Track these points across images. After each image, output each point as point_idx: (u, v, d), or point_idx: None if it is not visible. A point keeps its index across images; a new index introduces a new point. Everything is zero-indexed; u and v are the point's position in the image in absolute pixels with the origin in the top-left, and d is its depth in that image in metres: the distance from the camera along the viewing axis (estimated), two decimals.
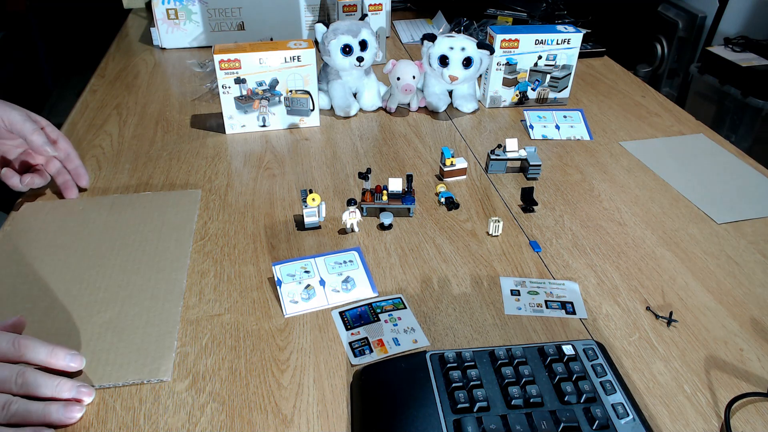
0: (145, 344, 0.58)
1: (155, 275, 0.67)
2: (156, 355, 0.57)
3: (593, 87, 1.23)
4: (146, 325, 0.61)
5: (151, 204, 0.79)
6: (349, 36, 1.00)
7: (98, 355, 0.57)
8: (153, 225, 0.75)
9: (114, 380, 0.55)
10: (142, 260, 0.69)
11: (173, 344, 0.59)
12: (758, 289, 0.69)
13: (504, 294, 0.67)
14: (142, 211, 0.78)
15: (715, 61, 1.91)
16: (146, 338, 0.59)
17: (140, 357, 0.57)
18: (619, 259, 0.73)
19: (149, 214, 0.77)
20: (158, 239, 0.73)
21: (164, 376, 0.55)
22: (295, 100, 1.01)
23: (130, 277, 0.67)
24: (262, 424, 0.52)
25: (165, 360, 0.57)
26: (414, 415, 0.50)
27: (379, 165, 0.93)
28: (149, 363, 0.57)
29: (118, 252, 0.71)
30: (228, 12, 1.36)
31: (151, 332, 0.60)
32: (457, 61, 1.00)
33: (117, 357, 0.57)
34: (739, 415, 0.54)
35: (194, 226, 0.75)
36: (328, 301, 0.65)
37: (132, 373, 0.55)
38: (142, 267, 0.68)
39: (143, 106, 1.11)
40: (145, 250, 0.71)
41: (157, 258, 0.70)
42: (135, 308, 0.63)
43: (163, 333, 0.60)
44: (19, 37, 2.59)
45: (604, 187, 0.88)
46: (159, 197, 0.81)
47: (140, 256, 0.70)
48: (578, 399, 0.51)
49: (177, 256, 0.70)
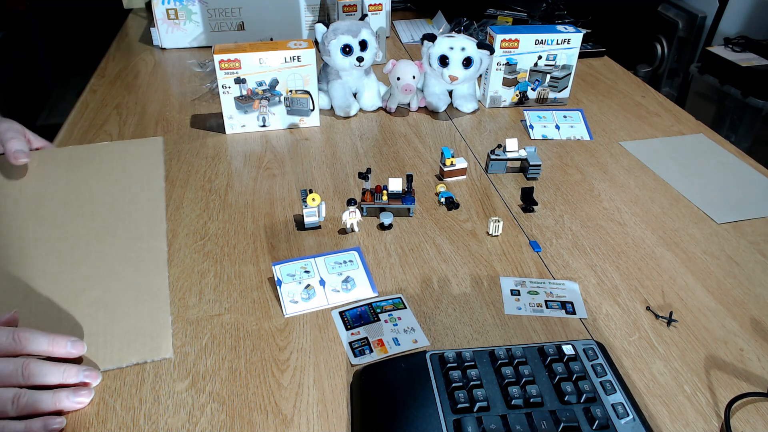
0: (140, 323, 0.57)
1: (134, 243, 0.64)
2: (153, 333, 0.56)
3: (593, 87, 1.23)
4: (136, 302, 0.59)
5: (111, 157, 0.73)
6: (349, 36, 1.00)
7: (94, 338, 0.56)
8: (119, 184, 0.70)
9: (117, 363, 0.53)
10: (116, 227, 0.66)
11: (168, 320, 0.57)
12: (758, 289, 0.69)
13: (504, 294, 0.67)
14: (105, 167, 0.72)
15: (715, 61, 1.91)
16: (140, 317, 0.57)
17: (138, 337, 0.56)
18: (619, 259, 0.73)
19: (112, 170, 0.72)
20: (128, 200, 0.68)
21: (166, 354, 0.54)
22: (295, 100, 1.01)
23: (107, 248, 0.63)
24: (262, 424, 0.52)
25: (164, 338, 0.56)
26: (414, 415, 0.50)
27: (379, 165, 0.93)
28: (148, 342, 0.55)
29: (89, 218, 0.67)
30: (228, 12, 1.36)
31: (143, 310, 0.58)
32: (457, 61, 1.00)
33: (114, 339, 0.56)
34: (739, 415, 0.54)
35: (163, 183, 0.71)
36: (328, 301, 0.65)
37: (133, 355, 0.54)
38: (118, 234, 0.65)
39: (143, 106, 1.11)
40: (118, 215, 0.67)
41: (132, 223, 0.66)
42: (120, 283, 0.60)
43: (155, 309, 0.58)
44: (19, 37, 2.59)
45: (604, 187, 0.88)
46: (118, 147, 0.75)
47: (113, 222, 0.66)
48: (578, 399, 0.51)
49: (153, 220, 0.67)
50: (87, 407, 0.53)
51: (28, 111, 2.57)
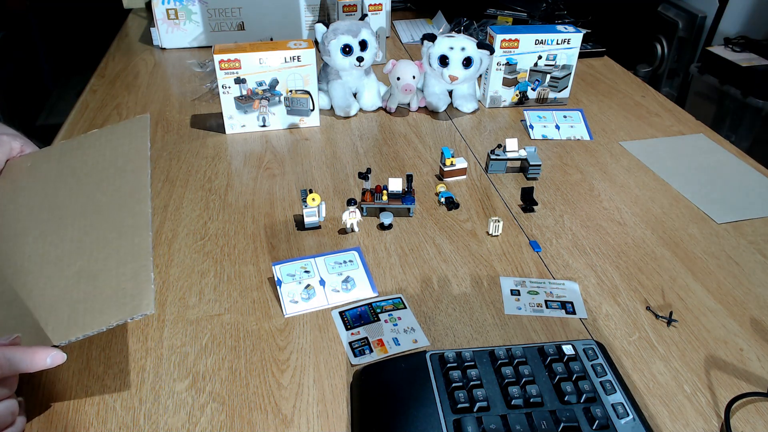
0: (122, 284, 0.55)
1: (118, 212, 0.63)
2: (134, 292, 0.54)
3: (593, 87, 1.23)
4: (118, 265, 0.57)
5: (100, 141, 0.73)
6: (349, 36, 1.00)
7: (75, 306, 0.54)
8: (106, 162, 0.69)
9: (97, 327, 0.52)
10: (101, 200, 0.65)
11: (150, 276, 0.55)
12: (758, 289, 0.69)
13: (504, 294, 0.67)
14: (94, 151, 0.72)
15: (715, 61, 1.91)
16: (121, 278, 0.56)
17: (119, 298, 0.54)
18: (619, 259, 0.73)
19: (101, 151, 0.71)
20: (115, 174, 0.67)
21: (147, 310, 0.52)
22: (295, 100, 1.01)
23: (92, 220, 0.62)
24: (262, 424, 0.52)
25: (144, 294, 0.53)
26: (414, 415, 0.50)
27: (379, 165, 0.93)
28: (129, 301, 0.53)
29: (76, 197, 0.66)
30: (228, 12, 1.36)
31: (125, 271, 0.56)
32: (457, 61, 1.00)
33: (95, 304, 0.54)
34: (739, 415, 0.54)
35: (149, 153, 0.68)
36: (328, 301, 0.65)
37: (114, 315, 0.52)
38: (103, 206, 0.64)
39: (143, 106, 1.11)
40: (103, 189, 0.66)
41: (117, 194, 0.65)
42: (104, 251, 0.59)
43: (137, 269, 0.56)
44: (19, 37, 2.59)
45: (604, 187, 0.88)
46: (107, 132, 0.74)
47: (99, 196, 0.65)
48: (578, 399, 0.51)
49: (137, 187, 0.65)
50: (87, 407, 0.53)
51: (28, 111, 2.57)
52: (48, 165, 0.72)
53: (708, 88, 1.98)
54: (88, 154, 0.71)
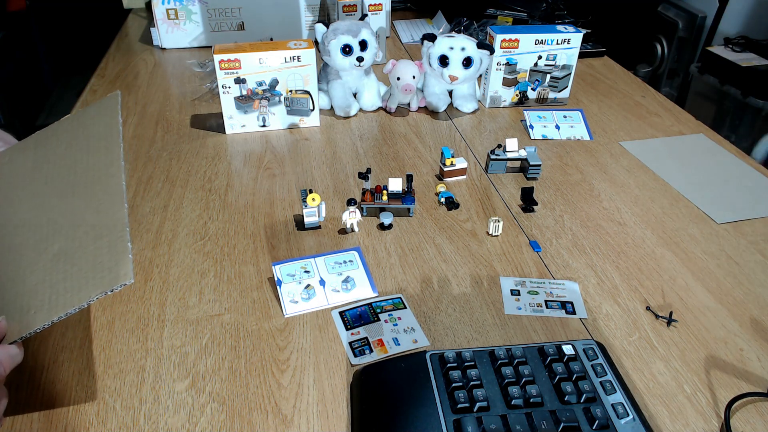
0: (99, 258, 0.54)
1: (92, 189, 0.62)
2: (111, 264, 0.53)
3: (593, 87, 1.23)
4: (95, 239, 0.56)
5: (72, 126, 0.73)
6: (349, 36, 1.00)
7: (56, 287, 0.54)
8: (79, 144, 0.69)
9: (77, 304, 0.52)
10: (77, 182, 0.64)
11: (127, 246, 0.54)
12: (758, 289, 0.69)
13: (504, 294, 0.67)
14: (68, 135, 0.72)
15: (715, 61, 1.91)
16: (98, 252, 0.55)
17: (97, 272, 0.53)
18: (619, 259, 0.73)
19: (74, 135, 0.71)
20: (88, 155, 0.67)
21: (126, 280, 0.51)
22: (295, 100, 1.01)
23: (68, 202, 0.62)
24: (262, 424, 0.52)
25: (122, 264, 0.53)
26: (414, 415, 0.50)
27: (379, 165, 0.93)
28: (107, 274, 0.53)
29: (52, 182, 0.66)
30: (228, 12, 1.36)
31: (101, 245, 0.56)
32: (457, 61, 1.00)
33: (74, 282, 0.54)
34: (739, 415, 0.54)
35: (120, 128, 0.68)
36: (328, 301, 0.65)
37: (93, 289, 0.52)
38: (78, 186, 0.64)
39: (143, 106, 1.11)
40: (77, 171, 0.66)
41: (90, 172, 0.65)
42: (80, 229, 0.59)
43: (113, 240, 0.55)
44: (19, 37, 2.59)
45: (604, 187, 0.88)
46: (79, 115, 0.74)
47: (74, 178, 0.65)
48: (578, 399, 0.51)
49: (109, 162, 0.64)
50: (88, 408, 0.53)
51: (28, 111, 2.57)
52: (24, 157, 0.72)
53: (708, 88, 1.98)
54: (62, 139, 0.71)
